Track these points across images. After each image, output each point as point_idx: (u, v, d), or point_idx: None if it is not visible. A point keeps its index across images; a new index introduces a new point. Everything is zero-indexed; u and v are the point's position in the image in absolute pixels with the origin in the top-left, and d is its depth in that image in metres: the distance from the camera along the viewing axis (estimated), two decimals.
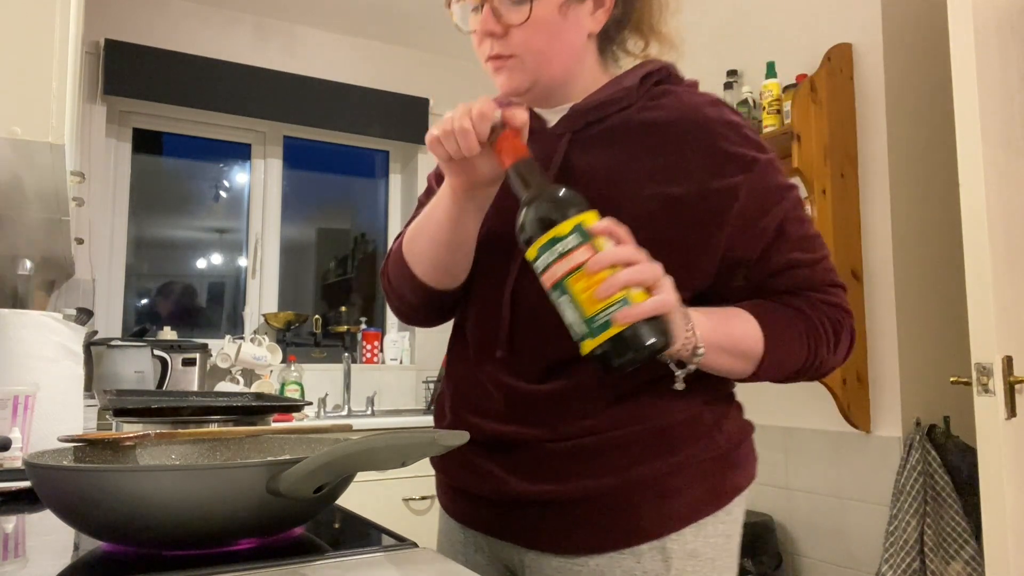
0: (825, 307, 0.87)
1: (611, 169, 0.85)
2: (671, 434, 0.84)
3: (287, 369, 3.23)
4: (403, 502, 2.74)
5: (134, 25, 3.15)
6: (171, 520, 0.61)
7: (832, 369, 0.91)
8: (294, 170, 3.64)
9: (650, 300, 0.69)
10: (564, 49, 0.86)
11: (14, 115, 1.06)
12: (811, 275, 0.87)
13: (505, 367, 0.88)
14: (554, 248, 0.71)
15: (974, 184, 1.66)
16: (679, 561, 0.82)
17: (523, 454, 0.86)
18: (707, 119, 0.85)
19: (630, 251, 0.70)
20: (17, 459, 1.00)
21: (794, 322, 0.85)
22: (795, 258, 0.86)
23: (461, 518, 0.96)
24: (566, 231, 0.71)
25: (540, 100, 0.91)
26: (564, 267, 0.70)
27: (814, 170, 2.16)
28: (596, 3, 0.88)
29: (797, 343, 0.84)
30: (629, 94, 0.88)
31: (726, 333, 0.80)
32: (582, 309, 0.70)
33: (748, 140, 0.85)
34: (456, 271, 0.91)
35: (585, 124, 0.88)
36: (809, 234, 0.88)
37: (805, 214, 0.88)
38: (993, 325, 1.62)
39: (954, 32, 1.71)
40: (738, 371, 0.84)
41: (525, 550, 0.88)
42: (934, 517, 1.95)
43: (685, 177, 0.83)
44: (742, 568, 2.16)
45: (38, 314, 1.19)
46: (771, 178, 0.85)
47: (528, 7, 0.82)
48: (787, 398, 2.42)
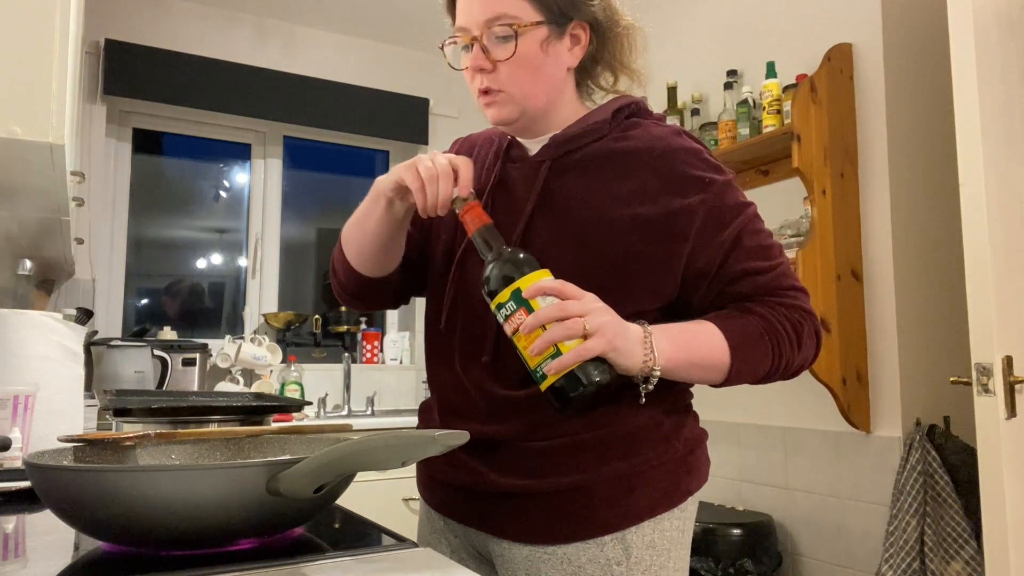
0: (784, 309, 0.93)
1: (586, 193, 0.94)
2: (634, 438, 0.93)
3: (287, 369, 3.23)
4: (403, 502, 2.74)
5: (134, 25, 3.15)
6: (171, 520, 0.61)
7: (801, 368, 0.97)
8: (294, 170, 3.64)
9: (573, 351, 0.79)
10: (547, 82, 0.96)
11: (14, 115, 1.06)
12: (768, 281, 0.93)
13: (489, 373, 0.96)
14: (501, 312, 0.84)
15: (974, 184, 1.66)
16: (638, 551, 0.91)
17: (501, 452, 0.94)
18: (670, 147, 0.94)
19: (558, 309, 0.80)
20: (17, 459, 1.00)
21: (755, 327, 0.91)
22: (752, 266, 0.93)
23: (438, 507, 1.04)
24: (506, 298, 0.83)
25: (525, 131, 1.01)
26: (510, 328, 0.84)
27: (814, 170, 2.16)
28: (573, 40, 0.97)
29: (760, 345, 0.91)
30: (603, 126, 0.98)
31: (690, 350, 0.88)
32: (527, 362, 0.83)
33: (707, 164, 0.95)
34: (380, 261, 1.01)
35: (563, 153, 0.98)
36: (765, 244, 0.95)
37: (762, 227, 0.96)
38: (993, 325, 1.62)
39: (954, 32, 1.71)
40: (709, 380, 0.92)
41: (497, 539, 0.96)
42: (934, 517, 1.95)
43: (651, 199, 0.92)
44: (742, 568, 2.16)
45: (38, 314, 1.19)
46: (728, 197, 0.93)
47: (514, 44, 0.92)
48: (787, 398, 2.42)
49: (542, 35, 0.93)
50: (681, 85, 2.80)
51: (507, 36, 0.92)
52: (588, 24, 0.97)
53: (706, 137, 2.58)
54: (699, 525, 2.22)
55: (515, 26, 0.91)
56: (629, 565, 0.90)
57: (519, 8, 0.92)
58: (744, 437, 2.55)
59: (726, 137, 2.48)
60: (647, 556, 0.92)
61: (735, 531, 2.21)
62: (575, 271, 0.90)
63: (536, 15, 0.92)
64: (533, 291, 0.82)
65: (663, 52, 2.98)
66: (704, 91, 2.77)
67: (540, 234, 0.94)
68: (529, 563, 0.93)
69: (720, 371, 0.90)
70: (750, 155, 2.46)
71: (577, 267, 0.90)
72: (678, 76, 2.85)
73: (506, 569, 0.96)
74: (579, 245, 0.92)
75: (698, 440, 1.00)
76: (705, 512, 2.37)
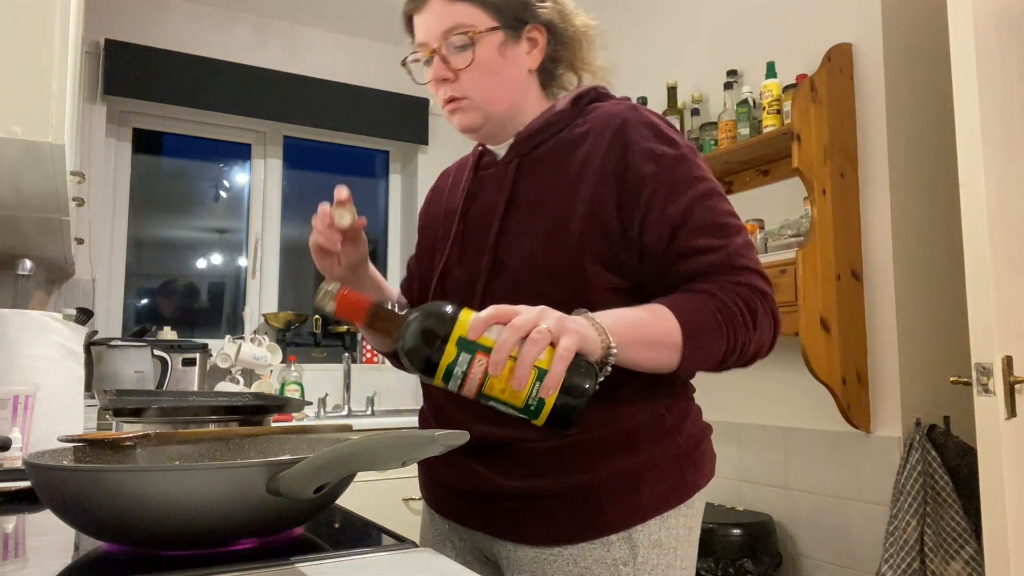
0: (736, 287, 0.88)
1: (550, 184, 0.95)
2: (636, 435, 0.92)
3: (287, 369, 3.23)
4: (403, 502, 2.74)
5: (134, 25, 3.15)
6: (171, 520, 0.61)
7: (758, 353, 0.91)
8: (294, 170, 3.64)
9: (558, 357, 0.71)
10: (507, 85, 0.98)
11: (14, 115, 1.06)
12: (719, 260, 0.89)
13: None
14: (454, 373, 0.71)
15: (974, 184, 1.66)
16: (644, 549, 0.90)
17: (503, 453, 0.93)
18: (625, 121, 0.94)
19: (515, 330, 0.71)
20: (17, 459, 1.00)
21: (705, 304, 0.86)
22: (702, 244, 0.89)
23: (441, 509, 1.04)
24: (454, 354, 0.71)
25: (493, 136, 1.02)
26: (475, 383, 0.71)
27: (814, 170, 2.16)
28: (531, 43, 0.99)
29: (712, 322, 0.85)
30: (563, 116, 0.99)
31: (637, 327, 0.82)
32: (513, 404, 0.72)
33: (661, 136, 0.93)
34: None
35: (530, 149, 0.99)
36: (719, 222, 0.91)
37: (719, 205, 0.92)
38: (993, 325, 1.62)
39: (954, 32, 1.71)
40: (664, 362, 0.84)
41: (503, 542, 0.95)
42: (934, 517, 1.95)
43: (608, 173, 0.92)
44: (742, 568, 2.16)
45: (38, 314, 1.19)
46: (681, 170, 0.92)
47: (472, 52, 0.95)
48: (787, 398, 2.42)
49: (498, 40, 0.96)
50: (681, 85, 2.80)
51: (464, 45, 0.95)
52: (544, 26, 0.99)
53: (706, 137, 2.58)
54: None
55: (471, 34, 0.94)
56: (636, 565, 0.90)
57: (473, 16, 0.95)
58: (744, 437, 2.55)
59: (726, 137, 2.48)
60: (654, 555, 0.91)
61: (735, 531, 2.21)
62: (545, 263, 0.90)
63: (491, 21, 0.96)
64: (479, 326, 0.71)
65: (663, 52, 2.98)
66: (704, 91, 2.77)
67: (511, 233, 0.96)
68: (535, 565, 0.92)
69: (672, 350, 0.84)
70: (750, 155, 2.46)
71: (547, 259, 0.91)
72: (678, 76, 2.85)
73: (512, 572, 0.95)
74: (546, 236, 0.92)
75: (702, 434, 0.99)
76: (705, 512, 2.36)
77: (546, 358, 0.71)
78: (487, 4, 0.96)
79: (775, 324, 0.91)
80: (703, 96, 2.75)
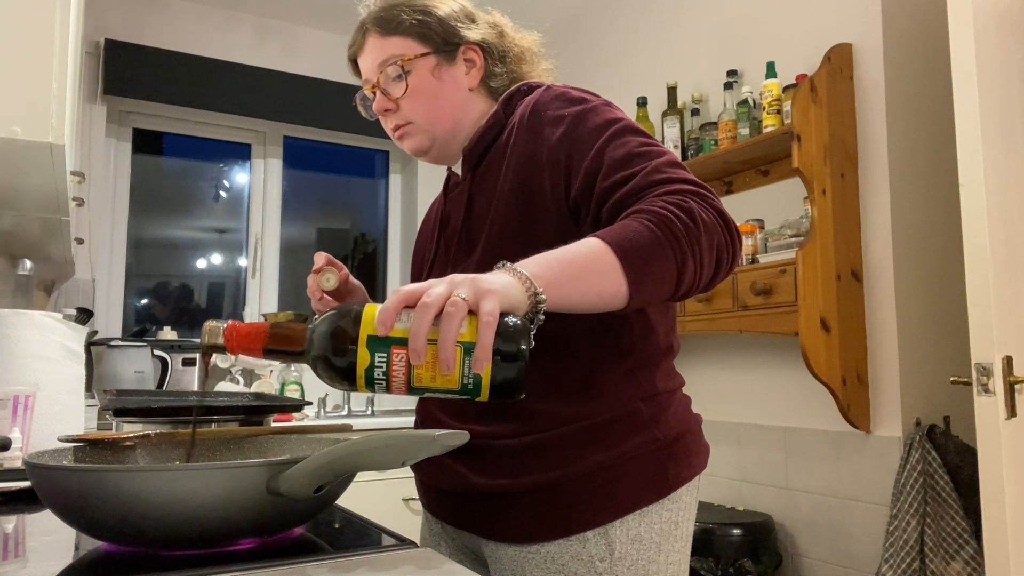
0: (663, 196, 0.80)
1: (492, 189, 0.97)
2: (609, 429, 0.91)
3: (287, 369, 3.23)
4: (403, 502, 2.74)
5: (134, 25, 3.15)
6: (171, 520, 0.61)
7: (720, 255, 0.81)
8: (294, 170, 3.64)
9: (482, 325, 0.63)
10: (448, 106, 1.02)
11: (14, 115, 1.06)
12: (639, 181, 0.83)
13: None
14: (376, 374, 0.65)
15: (974, 184, 1.66)
16: (622, 545, 0.89)
17: (481, 452, 0.94)
18: (538, 102, 0.97)
19: (425, 308, 0.63)
20: (17, 459, 1.00)
21: (633, 220, 0.78)
22: (620, 176, 0.84)
23: (432, 511, 1.06)
24: (367, 356, 0.64)
25: (447, 157, 1.06)
26: (401, 380, 0.65)
27: (814, 170, 2.16)
28: (468, 64, 1.03)
29: (646, 233, 0.75)
30: (497, 121, 1.01)
31: (561, 263, 0.73)
32: (449, 388, 0.65)
33: (569, 100, 0.95)
34: None
35: (478, 161, 1.02)
36: (633, 152, 0.86)
37: (632, 138, 0.87)
38: (993, 325, 1.62)
39: (954, 32, 1.71)
40: (608, 292, 0.74)
41: (486, 540, 0.96)
42: (934, 517, 1.95)
43: (531, 160, 0.93)
44: (742, 568, 2.16)
45: (38, 314, 1.19)
46: (588, 121, 0.91)
47: (405, 80, 1.00)
48: (787, 398, 2.42)
49: (431, 64, 1.01)
50: (681, 85, 2.80)
51: (399, 75, 1.00)
52: (478, 46, 1.03)
53: (706, 137, 2.58)
54: (699, 525, 2.22)
55: (401, 62, 1.00)
56: (613, 561, 0.89)
57: (404, 47, 1.00)
58: (744, 437, 2.55)
59: (726, 137, 2.48)
60: (633, 551, 0.89)
61: (735, 531, 2.21)
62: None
63: (421, 48, 1.00)
64: (386, 318, 0.64)
65: (663, 52, 2.98)
66: (704, 91, 2.77)
67: (464, 251, 0.98)
68: (515, 563, 0.92)
69: (611, 275, 0.74)
70: (750, 155, 2.46)
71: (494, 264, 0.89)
72: (678, 76, 2.85)
73: (496, 570, 0.96)
74: (489, 248, 0.94)
75: (685, 426, 0.95)
76: (705, 512, 2.37)
77: (469, 330, 0.63)
78: (415, 33, 1.00)
79: (725, 222, 0.81)
80: (703, 96, 2.75)
